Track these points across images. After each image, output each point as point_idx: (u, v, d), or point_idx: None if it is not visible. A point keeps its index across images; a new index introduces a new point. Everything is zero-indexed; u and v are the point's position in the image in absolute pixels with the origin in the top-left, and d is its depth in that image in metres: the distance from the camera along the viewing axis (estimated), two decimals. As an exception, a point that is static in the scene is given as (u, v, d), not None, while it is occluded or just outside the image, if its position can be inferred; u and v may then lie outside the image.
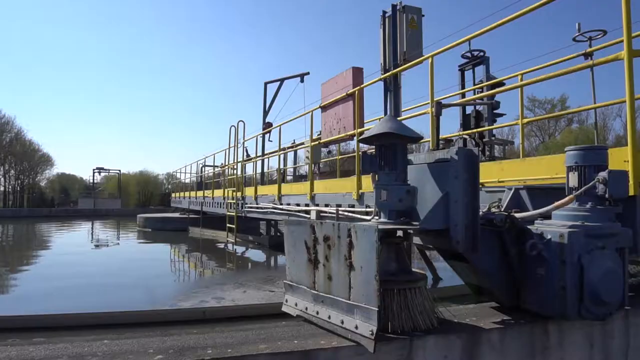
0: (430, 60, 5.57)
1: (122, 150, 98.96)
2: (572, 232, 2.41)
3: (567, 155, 2.79)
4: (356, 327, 2.14)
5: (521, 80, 6.13)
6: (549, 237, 2.48)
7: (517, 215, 2.70)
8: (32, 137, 60.47)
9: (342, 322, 2.24)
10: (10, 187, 52.29)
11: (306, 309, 2.56)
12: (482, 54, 9.20)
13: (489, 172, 5.12)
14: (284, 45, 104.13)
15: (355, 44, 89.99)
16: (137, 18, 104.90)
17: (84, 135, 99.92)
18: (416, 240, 3.04)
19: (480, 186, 4.81)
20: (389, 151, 2.58)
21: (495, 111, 9.08)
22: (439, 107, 3.17)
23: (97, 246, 16.72)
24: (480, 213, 2.68)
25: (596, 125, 13.83)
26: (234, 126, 15.03)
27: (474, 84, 9.08)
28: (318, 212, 8.16)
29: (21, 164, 51.92)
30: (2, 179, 50.92)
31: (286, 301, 2.78)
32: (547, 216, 2.75)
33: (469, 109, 9.31)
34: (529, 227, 2.63)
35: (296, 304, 2.67)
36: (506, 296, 2.71)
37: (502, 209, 2.93)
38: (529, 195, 3.13)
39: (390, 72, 6.99)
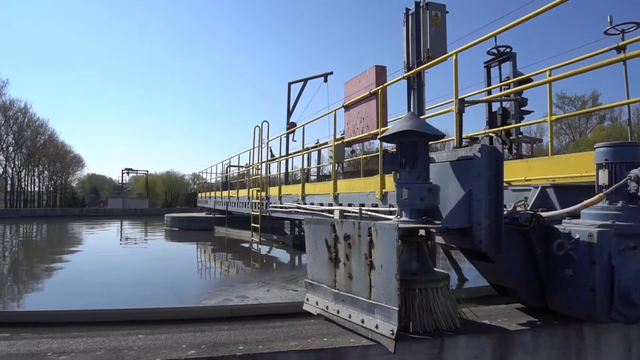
0: (454, 57, 5.48)
1: (149, 151, 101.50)
2: (602, 231, 2.32)
3: (596, 152, 2.69)
4: (376, 327, 2.12)
5: (549, 75, 5.97)
6: (577, 236, 2.39)
7: (544, 214, 2.62)
8: (64, 139, 62.62)
9: (363, 322, 2.23)
10: (44, 187, 54.27)
11: (327, 307, 2.55)
12: (508, 49, 8.99)
13: (515, 171, 5.01)
14: (308, 45, 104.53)
15: (378, 42, 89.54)
16: (164, 23, 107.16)
17: (113, 137, 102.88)
18: (439, 239, 3.00)
19: (506, 185, 4.73)
20: (410, 149, 2.55)
21: (522, 108, 8.85)
22: (462, 104, 3.12)
23: (126, 245, 17.15)
24: (505, 212, 2.63)
25: (630, 122, 13.29)
26: (258, 126, 15.16)
27: (500, 81, 8.89)
28: (341, 212, 8.15)
29: (54, 165, 53.82)
30: (37, 179, 52.89)
31: (307, 300, 2.78)
32: (575, 215, 2.66)
33: (495, 107, 9.12)
34: (556, 226, 2.55)
35: (317, 303, 2.67)
36: (532, 297, 2.64)
37: (528, 208, 2.85)
38: (556, 194, 3.05)
39: (414, 70, 6.92)
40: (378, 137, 6.95)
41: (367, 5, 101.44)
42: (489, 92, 8.54)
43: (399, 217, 2.73)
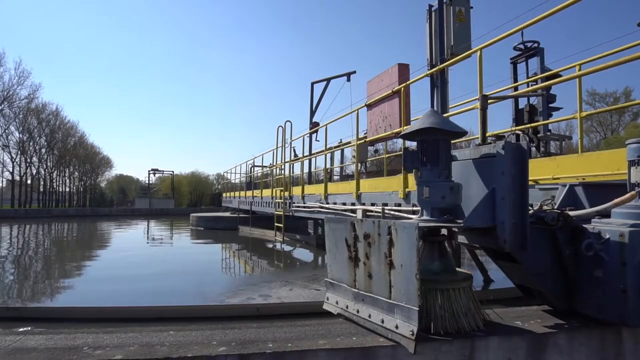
0: (478, 53, 5.37)
1: (175, 151, 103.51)
2: (634, 231, 2.22)
3: (628, 149, 2.58)
4: (396, 327, 2.08)
5: (579, 70, 5.78)
6: (607, 236, 2.30)
7: (572, 213, 2.53)
8: (93, 140, 64.41)
9: (383, 322, 2.19)
10: (74, 187, 55.98)
11: (347, 307, 2.53)
12: (535, 45, 8.76)
13: (543, 169, 4.87)
14: (331, 45, 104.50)
15: (401, 40, 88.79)
16: (190, 26, 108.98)
17: (140, 138, 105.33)
18: (462, 239, 2.93)
19: (533, 184, 4.61)
20: (432, 147, 2.50)
21: (551, 105, 8.62)
22: (485, 100, 3.04)
23: (153, 244, 17.50)
24: (531, 211, 2.55)
25: (666, 118, 12.77)
26: (282, 126, 15.21)
27: (527, 77, 8.67)
28: (364, 211, 8.10)
29: (84, 166, 55.48)
30: (68, 180, 54.58)
31: (327, 299, 2.77)
32: (605, 214, 2.55)
33: (522, 103, 8.90)
34: (585, 225, 2.45)
35: (337, 302, 2.65)
36: (559, 299, 2.55)
37: (555, 207, 2.76)
38: (586, 192, 2.93)
39: (437, 67, 6.81)
40: (400, 135, 6.88)
41: (390, 3, 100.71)
42: (516, 89, 8.34)
43: (420, 216, 2.69)
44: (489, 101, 5.72)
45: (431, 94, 7.27)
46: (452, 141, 2.81)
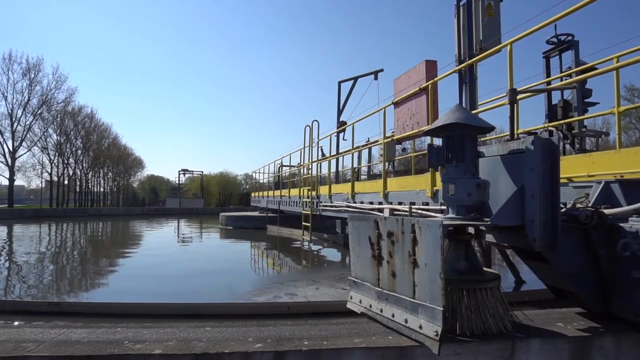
0: (508, 47, 5.20)
1: (204, 152, 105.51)
2: (675, 230, 2.10)
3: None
4: (420, 327, 2.04)
5: (617, 62, 5.52)
6: (646, 235, 2.18)
7: (607, 211, 2.42)
8: (126, 142, 66.22)
9: (406, 321, 2.15)
10: (108, 187, 57.77)
11: (370, 306, 2.50)
12: (569, 38, 8.43)
13: (577, 166, 4.67)
14: (358, 43, 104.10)
15: (429, 37, 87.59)
16: (223, 28, 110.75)
17: (170, 139, 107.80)
18: (490, 238, 2.84)
19: (567, 181, 4.43)
20: (457, 143, 2.43)
21: (586, 100, 8.28)
22: (514, 94, 2.93)
23: (183, 242, 17.85)
24: (564, 209, 2.45)
25: None
26: (309, 126, 15.22)
27: (561, 72, 8.37)
28: (391, 210, 8.00)
29: (117, 166, 57.11)
30: (102, 180, 56.38)
31: (351, 298, 2.74)
32: (644, 213, 2.43)
33: (556, 99, 8.59)
34: (621, 224, 2.34)
35: (360, 301, 2.62)
36: (593, 301, 2.44)
37: (589, 205, 2.64)
38: (623, 190, 2.79)
39: (466, 63, 6.65)
40: (424, 131, 6.76)
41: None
42: (549, 84, 8.07)
43: (446, 214, 2.62)
44: (519, 96, 5.56)
45: (459, 90, 7.10)
46: (483, 139, 2.74)
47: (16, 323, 2.59)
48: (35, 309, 5.40)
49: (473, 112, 5.95)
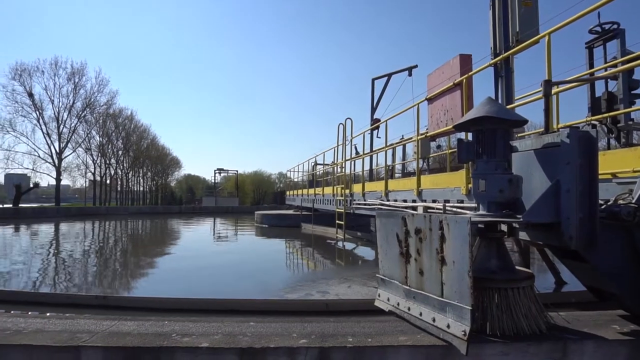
0: (546, 38, 4.99)
1: (238, 151, 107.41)
2: None
3: None
4: (448, 326, 1.98)
5: (665, 52, 5.20)
6: (694, 233, 2.04)
7: (651, 207, 2.27)
8: (164, 142, 68.20)
9: (434, 320, 2.10)
10: (147, 187, 59.72)
11: (398, 304, 2.46)
12: (614, 26, 8.00)
13: (622, 161, 4.43)
14: (390, 40, 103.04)
15: (463, 31, 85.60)
16: (255, 29, 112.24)
17: (206, 139, 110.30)
18: (524, 236, 2.73)
19: (610, 177, 4.21)
20: (488, 137, 2.35)
21: (633, 92, 7.85)
22: (548, 86, 2.80)
23: (219, 240, 18.22)
24: (604, 206, 2.32)
25: None
26: (342, 124, 15.18)
27: (605, 62, 7.96)
28: (425, 208, 7.86)
29: (155, 166, 58.88)
30: (141, 180, 58.33)
31: (379, 296, 2.70)
32: (693, 209, 2.27)
33: (600, 91, 8.18)
34: (667, 221, 2.20)
35: (388, 299, 2.58)
36: (637, 303, 2.30)
37: (633, 201, 2.49)
38: (670, 185, 2.62)
39: (502, 56, 6.44)
40: (452, 125, 6.59)
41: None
42: (592, 76, 7.69)
43: (477, 211, 2.54)
44: (559, 89, 5.33)
45: (495, 84, 6.89)
46: (520, 134, 2.64)
47: (67, 315, 2.72)
48: (84, 302, 5.70)
49: (509, 106, 5.75)
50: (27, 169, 42.06)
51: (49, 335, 2.14)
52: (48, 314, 2.78)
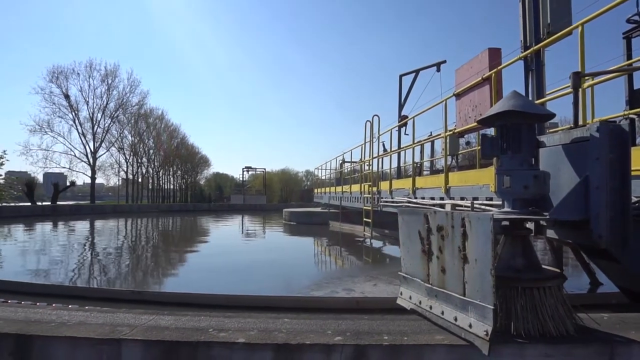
0: (579, 29, 4.79)
1: (266, 150, 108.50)
2: None
3: None
4: (470, 326, 1.94)
5: None
6: None
7: (689, 204, 2.16)
8: (193, 141, 69.39)
9: (456, 319, 2.06)
10: (177, 185, 61.04)
11: (420, 302, 2.42)
12: (654, 16, 7.65)
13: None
14: (418, 36, 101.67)
15: (492, 24, 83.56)
16: (283, 28, 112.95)
17: (234, 138, 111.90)
18: (552, 234, 2.65)
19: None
20: (513, 132, 2.28)
21: (674, 84, 7.48)
22: (577, 78, 2.69)
23: (247, 237, 18.44)
24: (638, 204, 2.22)
25: None
26: (369, 121, 15.08)
27: (644, 54, 7.61)
28: (452, 206, 7.72)
29: (185, 165, 60.08)
30: (172, 178, 59.69)
31: (401, 294, 2.67)
32: None
33: (638, 83, 7.84)
34: None
35: (410, 297, 2.55)
36: (673, 305, 2.19)
37: (670, 198, 2.38)
38: None
39: (532, 49, 6.24)
40: (475, 120, 6.42)
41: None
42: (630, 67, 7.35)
43: (502, 208, 2.48)
44: (593, 81, 5.12)
45: (525, 79, 6.68)
46: (551, 130, 2.55)
47: (106, 308, 2.82)
48: (121, 296, 5.90)
49: (539, 101, 5.58)
50: (64, 168, 43.82)
51: (91, 327, 2.22)
52: (87, 307, 2.88)
